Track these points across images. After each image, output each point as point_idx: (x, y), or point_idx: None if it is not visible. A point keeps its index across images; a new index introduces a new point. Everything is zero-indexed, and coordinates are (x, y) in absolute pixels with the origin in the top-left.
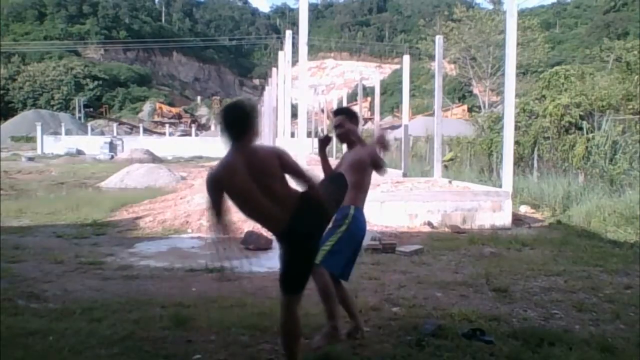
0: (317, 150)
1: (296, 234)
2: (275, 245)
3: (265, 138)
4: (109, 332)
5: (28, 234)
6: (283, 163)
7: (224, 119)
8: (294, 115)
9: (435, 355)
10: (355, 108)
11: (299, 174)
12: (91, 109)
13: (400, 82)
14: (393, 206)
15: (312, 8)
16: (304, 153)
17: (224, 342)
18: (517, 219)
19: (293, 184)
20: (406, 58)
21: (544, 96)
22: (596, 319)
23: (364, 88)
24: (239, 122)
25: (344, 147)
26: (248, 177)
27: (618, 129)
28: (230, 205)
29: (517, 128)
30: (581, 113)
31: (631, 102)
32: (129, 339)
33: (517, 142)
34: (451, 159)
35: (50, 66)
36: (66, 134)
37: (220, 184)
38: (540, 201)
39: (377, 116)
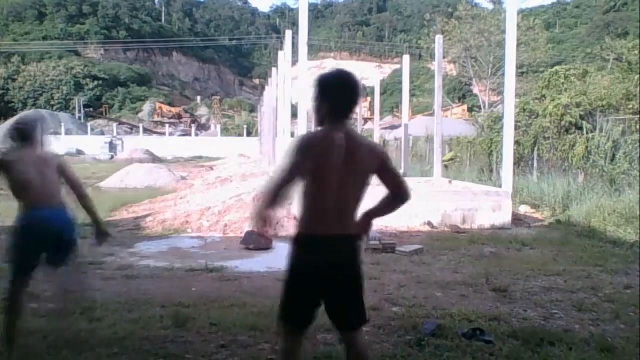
0: None
1: None
2: (275, 245)
3: (265, 138)
4: (109, 332)
5: None
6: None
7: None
8: (294, 115)
9: (435, 355)
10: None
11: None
12: (91, 109)
13: (400, 82)
14: None
15: (312, 8)
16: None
17: (224, 342)
18: (517, 219)
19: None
20: (406, 58)
21: (544, 96)
22: (596, 319)
23: (364, 88)
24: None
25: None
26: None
27: (618, 129)
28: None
29: (517, 128)
30: (581, 113)
31: (631, 102)
32: (129, 339)
33: (517, 142)
34: (451, 159)
35: (50, 66)
36: (66, 134)
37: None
38: (540, 201)
39: (377, 116)
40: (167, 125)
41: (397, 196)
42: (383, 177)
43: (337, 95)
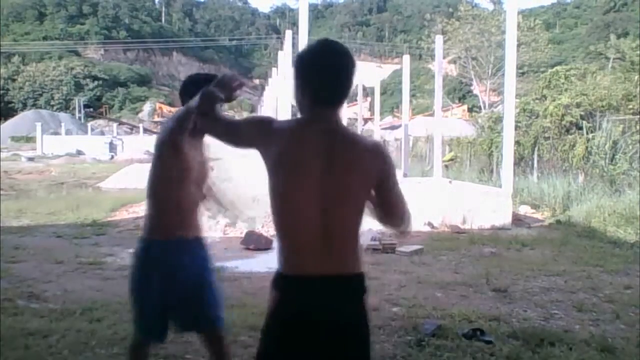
0: None
1: None
2: (276, 245)
3: None
4: (109, 332)
5: (28, 234)
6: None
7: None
8: (294, 115)
9: (435, 355)
10: (356, 108)
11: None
12: (91, 109)
13: (400, 83)
14: None
15: (312, 8)
16: None
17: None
18: (517, 219)
19: None
20: (406, 58)
21: (544, 96)
22: (596, 319)
23: (364, 88)
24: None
25: None
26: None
27: (618, 129)
28: None
29: (517, 128)
30: (582, 113)
31: (631, 102)
32: (129, 339)
33: (517, 142)
34: (451, 159)
35: (50, 66)
36: (66, 134)
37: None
38: (540, 201)
39: (377, 116)
40: None
41: (388, 222)
42: (378, 194)
43: (313, 71)
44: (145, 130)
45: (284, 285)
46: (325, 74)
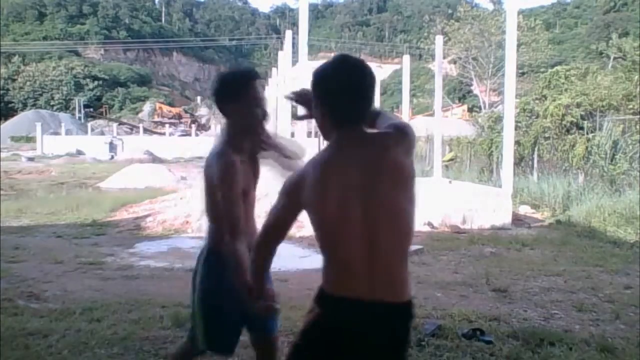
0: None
1: None
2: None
3: None
4: (109, 332)
5: (28, 234)
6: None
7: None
8: (294, 115)
9: (435, 355)
10: None
11: None
12: (91, 109)
13: (400, 82)
14: None
15: (312, 8)
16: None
17: None
18: (517, 219)
19: None
20: (406, 58)
21: (544, 96)
22: (596, 319)
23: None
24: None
25: None
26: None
27: (618, 129)
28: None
29: (517, 128)
30: (582, 113)
31: (632, 102)
32: (129, 339)
33: (517, 142)
34: (451, 159)
35: (50, 66)
36: (66, 134)
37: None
38: (540, 201)
39: None
40: (167, 125)
41: None
42: None
43: (338, 89)
44: (146, 130)
45: (326, 303)
46: (359, 87)
